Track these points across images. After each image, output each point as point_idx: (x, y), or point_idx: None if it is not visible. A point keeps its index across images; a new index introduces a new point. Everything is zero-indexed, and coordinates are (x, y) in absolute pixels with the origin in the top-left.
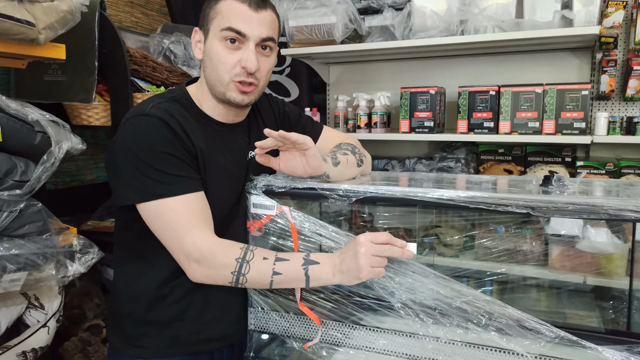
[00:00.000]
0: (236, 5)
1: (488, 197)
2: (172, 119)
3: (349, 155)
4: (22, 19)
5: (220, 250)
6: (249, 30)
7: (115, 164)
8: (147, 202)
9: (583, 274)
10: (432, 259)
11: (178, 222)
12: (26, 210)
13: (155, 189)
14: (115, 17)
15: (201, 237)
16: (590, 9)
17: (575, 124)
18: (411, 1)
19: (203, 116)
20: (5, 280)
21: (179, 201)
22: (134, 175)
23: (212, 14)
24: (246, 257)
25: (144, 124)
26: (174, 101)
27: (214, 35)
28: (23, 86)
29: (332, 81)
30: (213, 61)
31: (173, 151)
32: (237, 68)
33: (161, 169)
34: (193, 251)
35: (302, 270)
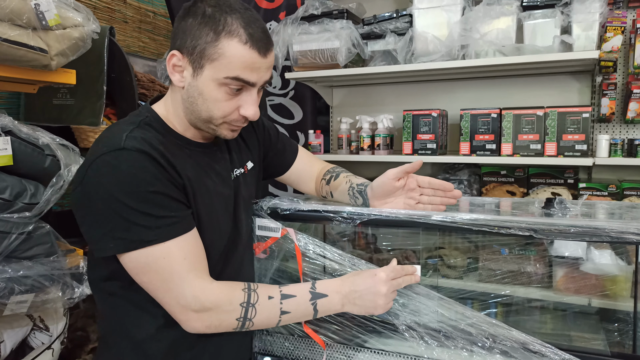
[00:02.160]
0: (245, 51)
1: (491, 219)
2: (152, 149)
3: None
4: (35, 46)
5: (223, 298)
6: (257, 79)
7: (88, 209)
8: (133, 251)
9: (588, 296)
10: (436, 281)
11: (172, 271)
12: (35, 232)
13: (142, 236)
14: (123, 42)
15: (200, 286)
16: (589, 34)
17: (576, 146)
18: (413, 27)
19: (180, 139)
20: (13, 302)
21: (170, 246)
22: (115, 222)
23: (212, 53)
24: (251, 300)
25: (122, 160)
26: (146, 126)
27: (212, 79)
28: (33, 110)
29: (335, 104)
30: (207, 104)
31: (160, 188)
32: (235, 114)
33: (148, 212)
34: (193, 303)
35: (311, 306)
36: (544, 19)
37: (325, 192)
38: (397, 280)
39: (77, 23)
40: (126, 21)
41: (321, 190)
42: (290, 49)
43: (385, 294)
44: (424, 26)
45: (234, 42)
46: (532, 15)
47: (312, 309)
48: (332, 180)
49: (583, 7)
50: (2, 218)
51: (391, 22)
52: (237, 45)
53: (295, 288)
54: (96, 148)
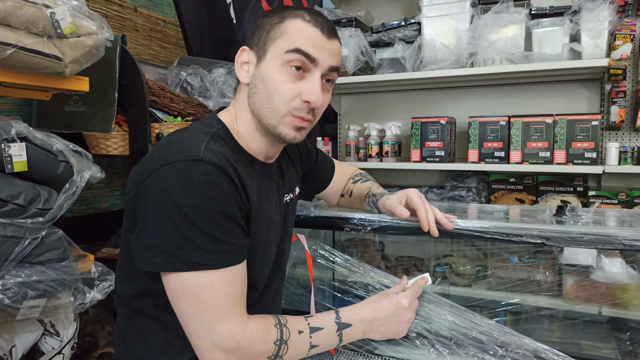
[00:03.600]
0: (307, 27)
1: (502, 227)
2: (229, 166)
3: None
4: (50, 53)
5: (258, 337)
6: (319, 55)
7: (143, 215)
8: (180, 272)
9: (598, 304)
10: (446, 289)
11: (216, 303)
12: (47, 237)
13: (196, 258)
14: (133, 50)
15: (239, 324)
16: (598, 42)
17: (586, 154)
18: (421, 35)
19: (246, 155)
20: (25, 306)
21: (222, 276)
22: (171, 235)
23: (275, 33)
24: (284, 337)
25: (198, 172)
26: (220, 139)
27: (275, 58)
28: (44, 116)
29: (343, 111)
30: (269, 88)
31: (228, 210)
32: (297, 101)
33: (210, 233)
34: (227, 341)
35: (337, 337)
36: (553, 27)
37: (347, 190)
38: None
39: (91, 31)
40: (137, 29)
41: (344, 188)
42: None
43: (409, 320)
44: (433, 34)
45: (298, 21)
46: (540, 24)
47: (338, 339)
48: (360, 182)
49: (592, 16)
50: (16, 223)
51: (400, 30)
52: (300, 23)
53: (322, 319)
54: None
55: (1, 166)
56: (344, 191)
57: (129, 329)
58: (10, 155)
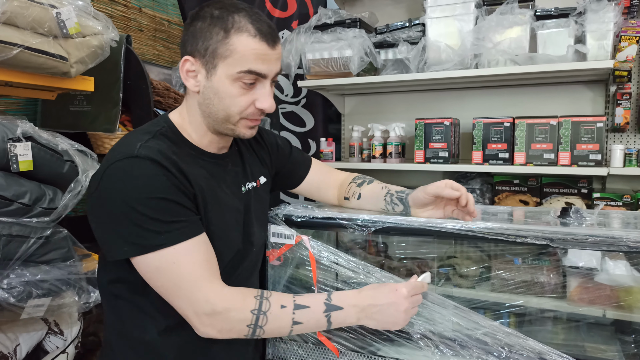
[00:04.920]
0: (255, 44)
1: (507, 228)
2: (165, 159)
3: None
4: (56, 53)
5: (234, 303)
6: (269, 70)
7: (102, 215)
8: (144, 254)
9: (602, 307)
10: (449, 290)
11: (183, 277)
12: (52, 237)
13: (152, 240)
14: (138, 50)
15: (212, 290)
16: (603, 44)
17: (590, 156)
18: (426, 36)
19: (193, 149)
20: (30, 305)
21: (180, 251)
22: (126, 227)
23: (224, 51)
24: (262, 308)
25: (135, 167)
26: (161, 136)
27: (227, 75)
28: (49, 116)
29: (347, 112)
30: (224, 102)
31: (168, 195)
32: (251, 108)
33: (157, 218)
34: (205, 307)
35: (325, 318)
36: (558, 28)
37: (352, 193)
38: (416, 297)
39: (96, 31)
40: (141, 30)
41: (347, 192)
42: (302, 57)
43: (406, 310)
44: (437, 35)
45: (244, 37)
46: (545, 25)
47: (325, 320)
48: (366, 184)
49: (597, 17)
50: (21, 222)
51: (404, 31)
52: (247, 39)
53: (310, 299)
54: (111, 156)
55: (7, 165)
56: (348, 194)
57: (110, 312)
58: (16, 154)
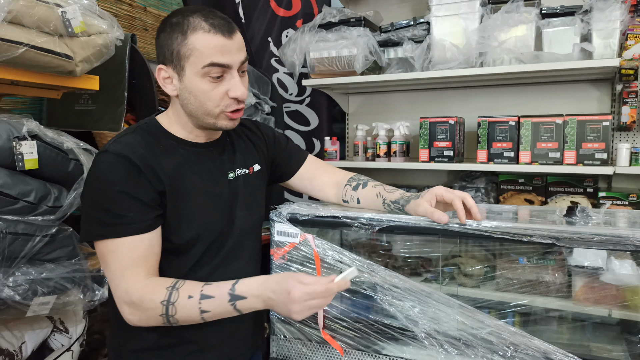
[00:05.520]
0: (211, 38)
1: (512, 227)
2: (133, 152)
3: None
4: (61, 52)
5: (145, 295)
6: (231, 60)
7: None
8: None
9: (608, 306)
10: (453, 289)
11: (115, 265)
12: (57, 235)
13: (100, 230)
14: (143, 49)
15: (131, 282)
16: (609, 42)
17: (596, 155)
18: (430, 34)
19: (174, 139)
20: (36, 303)
21: (121, 244)
22: (86, 214)
23: (185, 51)
24: (171, 299)
25: (103, 161)
26: (140, 130)
27: (194, 73)
28: (55, 115)
29: (351, 111)
30: (199, 98)
31: (127, 189)
32: (226, 99)
33: (109, 209)
34: (124, 296)
35: (230, 306)
36: (563, 26)
37: (350, 197)
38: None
39: (101, 30)
40: (146, 29)
41: (344, 195)
42: (307, 56)
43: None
44: (442, 34)
45: (200, 34)
46: (551, 23)
47: (232, 309)
48: (360, 187)
49: (603, 15)
50: (27, 221)
51: (408, 29)
52: (203, 35)
53: (216, 289)
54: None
55: (12, 164)
56: (346, 197)
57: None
58: (22, 153)
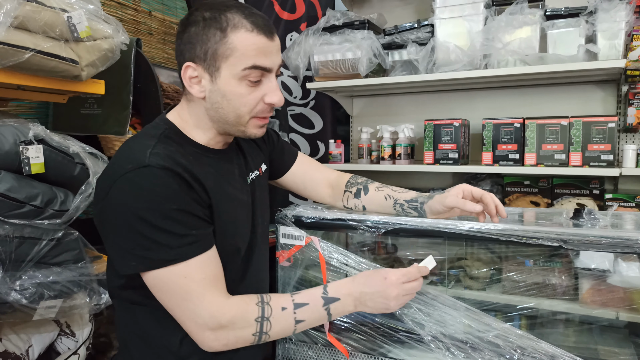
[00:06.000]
0: (254, 38)
1: (519, 229)
2: (177, 165)
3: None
4: (67, 57)
5: (238, 314)
6: (272, 63)
7: (111, 226)
8: (153, 270)
9: (615, 309)
10: (460, 292)
11: (191, 291)
12: (64, 238)
13: (163, 255)
14: (148, 53)
15: (217, 304)
16: (614, 43)
17: (602, 156)
18: (434, 36)
19: (197, 147)
20: (42, 307)
21: (191, 266)
22: (137, 240)
23: (224, 50)
24: (265, 314)
25: (147, 178)
26: (166, 138)
27: (232, 75)
28: (60, 119)
29: (355, 113)
30: (233, 103)
31: (182, 205)
32: (260, 104)
33: (171, 230)
34: (210, 322)
35: (324, 311)
36: (568, 28)
37: (354, 205)
38: (410, 284)
39: (107, 35)
40: (151, 33)
41: (346, 202)
42: (311, 59)
43: (396, 297)
44: (446, 36)
45: (242, 33)
46: (555, 25)
47: (325, 313)
48: (363, 193)
49: (608, 16)
50: (33, 224)
51: (412, 32)
52: (245, 35)
53: (307, 295)
54: (118, 164)
55: (19, 168)
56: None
57: (126, 318)
58: (28, 157)
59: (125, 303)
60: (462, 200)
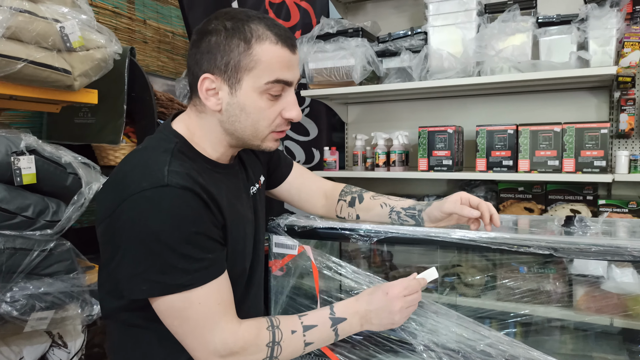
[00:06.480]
0: (279, 51)
1: (510, 238)
2: (196, 184)
3: None
4: (60, 67)
5: (250, 341)
6: (293, 77)
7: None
8: (166, 295)
9: (610, 315)
10: (453, 299)
11: (205, 317)
12: (55, 249)
13: (180, 280)
14: (142, 61)
15: (230, 330)
16: (606, 50)
17: (595, 162)
18: (428, 44)
19: (208, 162)
20: (33, 318)
21: (206, 291)
22: (151, 263)
23: (248, 62)
24: (276, 339)
25: (167, 198)
26: (180, 154)
27: (253, 88)
28: (55, 128)
29: (350, 120)
30: (252, 117)
31: (203, 228)
32: (279, 119)
33: (189, 254)
34: (221, 349)
35: (332, 332)
36: (560, 35)
37: (347, 214)
38: (412, 296)
39: (99, 44)
40: (146, 41)
41: (339, 211)
42: (305, 67)
43: (400, 310)
44: (439, 43)
45: (266, 45)
46: (547, 32)
47: (333, 334)
48: (357, 202)
49: (600, 23)
50: (25, 235)
51: (406, 39)
52: (270, 47)
53: (316, 317)
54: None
55: (10, 179)
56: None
57: (124, 341)
58: (20, 168)
59: (123, 325)
60: (460, 206)
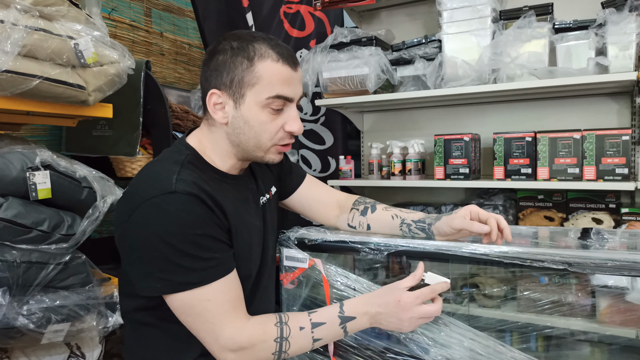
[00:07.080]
0: (280, 68)
1: (523, 252)
2: (201, 191)
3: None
4: (74, 83)
5: (257, 336)
6: (294, 93)
7: (135, 249)
8: (177, 293)
9: (635, 328)
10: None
11: (214, 313)
12: (71, 262)
13: (188, 278)
14: (159, 73)
15: (238, 326)
16: (626, 54)
17: (617, 170)
18: (442, 52)
19: (217, 173)
20: (50, 331)
21: (214, 288)
22: (161, 263)
23: (251, 78)
24: (284, 334)
25: (173, 204)
26: (189, 164)
27: (255, 103)
28: (73, 141)
29: (366, 129)
30: (255, 130)
31: (206, 230)
32: (281, 132)
33: (194, 254)
34: (229, 344)
35: (341, 329)
36: (577, 41)
37: (359, 223)
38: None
39: (113, 60)
40: (163, 53)
41: (351, 220)
42: (320, 76)
43: (409, 320)
44: (453, 51)
45: (268, 63)
46: (564, 38)
47: (342, 331)
48: (370, 212)
49: (618, 28)
50: (41, 249)
51: (420, 47)
52: (271, 64)
53: (324, 314)
54: (143, 188)
55: (26, 194)
56: (353, 223)
57: (136, 339)
58: (35, 183)
59: (137, 325)
60: (469, 222)
